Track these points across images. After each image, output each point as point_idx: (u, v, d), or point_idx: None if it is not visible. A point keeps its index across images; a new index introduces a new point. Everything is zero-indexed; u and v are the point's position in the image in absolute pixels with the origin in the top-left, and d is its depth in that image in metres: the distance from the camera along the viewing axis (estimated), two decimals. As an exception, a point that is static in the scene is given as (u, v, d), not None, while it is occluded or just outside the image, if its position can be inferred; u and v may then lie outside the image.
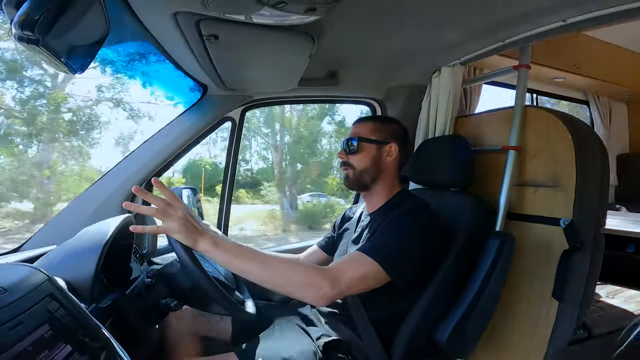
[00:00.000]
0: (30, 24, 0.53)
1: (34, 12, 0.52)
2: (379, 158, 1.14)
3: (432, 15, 1.10)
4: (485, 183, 1.36)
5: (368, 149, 1.14)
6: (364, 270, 0.92)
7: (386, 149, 1.15)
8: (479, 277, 1.07)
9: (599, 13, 1.03)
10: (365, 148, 1.14)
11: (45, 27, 0.55)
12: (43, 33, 0.55)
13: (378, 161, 1.14)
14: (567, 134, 1.14)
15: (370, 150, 1.14)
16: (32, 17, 0.53)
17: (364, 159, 1.14)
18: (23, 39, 0.54)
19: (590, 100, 2.63)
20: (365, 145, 1.14)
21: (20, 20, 0.52)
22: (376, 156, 1.14)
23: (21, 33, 0.53)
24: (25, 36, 0.53)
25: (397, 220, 1.03)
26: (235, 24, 0.91)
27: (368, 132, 1.16)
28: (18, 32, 0.53)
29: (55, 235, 1.19)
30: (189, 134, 1.45)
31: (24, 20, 0.52)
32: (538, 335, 1.19)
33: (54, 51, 0.60)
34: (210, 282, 0.85)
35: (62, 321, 0.63)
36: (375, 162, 1.14)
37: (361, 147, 1.14)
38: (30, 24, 0.53)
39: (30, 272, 0.65)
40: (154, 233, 0.80)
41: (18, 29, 0.52)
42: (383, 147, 1.15)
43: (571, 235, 1.10)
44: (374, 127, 1.17)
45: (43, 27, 0.54)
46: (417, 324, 1.05)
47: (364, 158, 1.14)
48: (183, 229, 0.81)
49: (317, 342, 1.07)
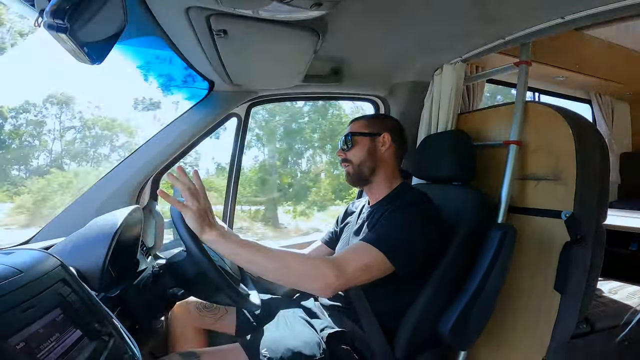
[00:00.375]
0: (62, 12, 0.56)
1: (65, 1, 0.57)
2: (374, 149, 1.18)
3: (434, 14, 1.12)
4: (487, 177, 1.38)
5: (362, 141, 1.19)
6: (367, 259, 0.93)
7: (379, 139, 1.18)
8: (481, 269, 1.07)
9: (597, 10, 1.05)
10: (359, 141, 1.19)
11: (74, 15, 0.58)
12: (72, 21, 0.58)
13: (373, 152, 1.18)
14: (568, 128, 1.15)
15: (364, 142, 1.18)
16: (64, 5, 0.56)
17: (359, 152, 1.18)
18: (53, 27, 0.57)
19: (593, 99, 2.64)
20: (358, 139, 1.19)
21: (53, 9, 0.56)
22: (371, 147, 1.18)
23: (52, 21, 0.56)
24: (55, 24, 0.57)
25: (400, 210, 1.04)
26: (243, 19, 0.93)
27: (360, 127, 1.21)
28: (49, 20, 0.56)
29: (62, 230, 1.21)
30: (195, 130, 1.47)
31: (57, 8, 0.56)
32: (540, 329, 1.19)
33: (79, 40, 0.63)
34: (217, 271, 0.86)
35: (73, 306, 0.64)
36: (371, 154, 1.18)
37: (355, 141, 1.19)
38: (62, 12, 0.56)
39: (44, 256, 0.67)
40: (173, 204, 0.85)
41: (50, 17, 0.56)
42: (376, 138, 1.18)
43: (572, 227, 1.11)
44: (366, 122, 1.22)
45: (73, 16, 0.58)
46: (419, 316, 1.06)
47: (359, 151, 1.18)
48: (198, 213, 0.86)
49: (320, 334, 1.08)
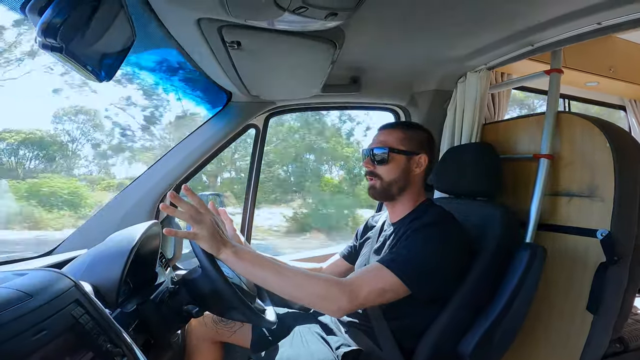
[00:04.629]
0: (54, 31, 0.52)
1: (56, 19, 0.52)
2: (409, 169, 1.10)
3: (457, 20, 1.07)
4: (514, 192, 1.32)
5: (397, 160, 1.09)
6: (382, 284, 0.91)
7: (416, 159, 1.10)
8: (507, 290, 1.03)
9: (636, 16, 0.98)
10: (395, 159, 1.09)
11: (68, 34, 0.54)
12: (66, 41, 0.55)
13: (407, 172, 1.10)
14: (605, 141, 1.09)
15: (400, 161, 1.09)
16: (54, 24, 0.52)
17: (393, 171, 1.09)
18: (47, 47, 0.53)
19: (627, 106, 2.50)
20: (395, 156, 1.09)
21: (43, 28, 0.52)
22: (406, 168, 1.10)
23: (45, 40, 0.52)
24: (49, 44, 0.53)
25: (421, 232, 1.00)
26: (257, 30, 0.91)
27: (397, 141, 1.11)
28: (42, 40, 0.53)
29: (85, 240, 1.23)
30: (214, 141, 1.47)
31: (47, 27, 0.52)
32: (570, 349, 1.15)
33: (79, 59, 0.60)
34: (231, 289, 0.86)
35: (85, 327, 0.64)
36: (405, 174, 1.10)
37: (391, 158, 1.09)
38: (54, 31, 0.52)
39: (57, 277, 0.66)
40: (183, 237, 0.85)
41: (42, 36, 0.52)
42: (413, 158, 1.10)
43: (609, 248, 1.05)
44: (403, 135, 1.12)
45: (66, 35, 0.54)
46: (440, 336, 1.02)
47: (394, 169, 1.09)
48: (209, 237, 0.85)
49: (336, 352, 1.05)
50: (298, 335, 1.17)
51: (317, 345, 1.11)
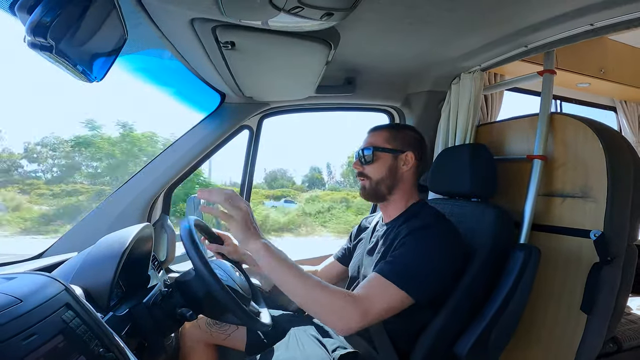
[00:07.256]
0: (43, 29, 0.50)
1: (46, 17, 0.50)
2: (395, 167, 1.12)
3: (451, 21, 1.07)
4: (508, 193, 1.32)
5: (383, 158, 1.12)
6: (391, 301, 0.91)
7: (402, 157, 1.12)
8: (502, 291, 1.03)
9: (632, 16, 0.99)
10: (381, 157, 1.12)
11: (58, 33, 0.53)
12: (56, 39, 0.53)
13: (394, 171, 1.12)
14: (597, 142, 1.10)
15: (386, 159, 1.12)
16: (44, 22, 0.50)
17: (380, 169, 1.12)
18: (36, 46, 0.52)
19: (618, 107, 2.53)
20: (380, 154, 1.12)
21: (32, 26, 0.50)
22: (392, 166, 1.12)
23: (34, 39, 0.51)
24: (38, 42, 0.52)
25: (416, 235, 0.99)
26: (251, 30, 0.91)
27: (383, 140, 1.14)
28: (31, 39, 0.51)
29: (76, 243, 1.21)
30: (207, 142, 1.46)
31: (36, 25, 0.50)
32: (564, 349, 1.15)
33: (69, 59, 0.59)
34: (225, 291, 0.84)
35: (76, 331, 0.62)
36: (392, 172, 1.12)
37: (376, 157, 1.12)
38: (43, 30, 0.50)
39: (47, 281, 0.65)
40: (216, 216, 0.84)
41: (30, 35, 0.50)
42: (399, 156, 1.12)
43: (602, 248, 1.06)
44: (388, 135, 1.14)
45: (56, 33, 0.52)
46: (436, 338, 1.02)
47: (380, 168, 1.12)
48: (243, 223, 0.85)
49: (332, 355, 1.04)
50: (293, 338, 1.16)
51: (313, 348, 1.10)
